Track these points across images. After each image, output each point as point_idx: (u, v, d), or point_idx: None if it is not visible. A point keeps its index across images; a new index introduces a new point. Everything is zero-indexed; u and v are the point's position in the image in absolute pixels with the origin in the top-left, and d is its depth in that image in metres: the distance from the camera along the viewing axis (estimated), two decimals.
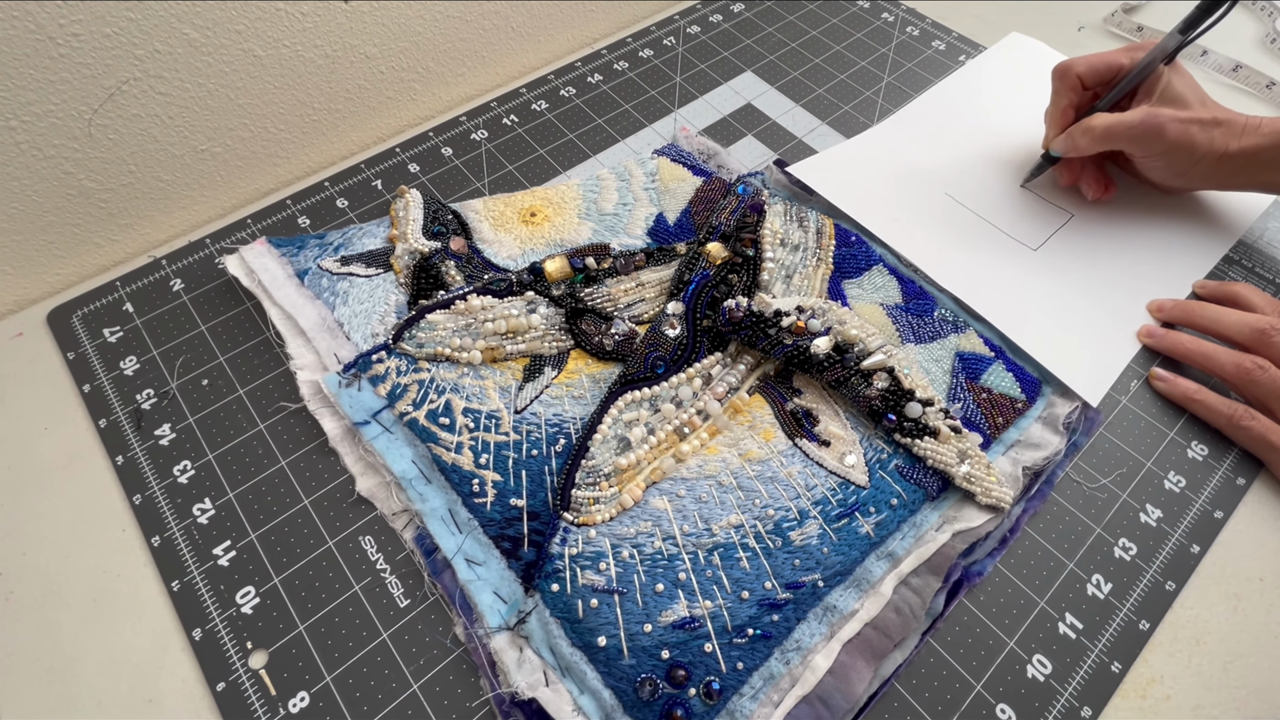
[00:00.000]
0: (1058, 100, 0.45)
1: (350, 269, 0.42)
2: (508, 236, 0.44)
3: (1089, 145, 0.43)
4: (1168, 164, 0.43)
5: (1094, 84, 0.44)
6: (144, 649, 0.32)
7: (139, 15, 0.39)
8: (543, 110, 0.54)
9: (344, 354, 0.39)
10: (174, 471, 0.36)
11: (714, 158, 0.50)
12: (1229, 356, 0.38)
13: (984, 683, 0.31)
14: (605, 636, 0.30)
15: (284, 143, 0.49)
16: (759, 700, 0.29)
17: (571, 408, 0.37)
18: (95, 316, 0.42)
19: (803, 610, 0.31)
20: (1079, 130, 0.43)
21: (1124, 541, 0.35)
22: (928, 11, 0.62)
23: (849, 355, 0.37)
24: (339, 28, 0.47)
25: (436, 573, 0.33)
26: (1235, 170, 0.42)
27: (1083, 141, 0.43)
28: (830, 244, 0.44)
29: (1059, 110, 0.45)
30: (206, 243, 0.45)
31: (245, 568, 0.33)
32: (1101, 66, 0.43)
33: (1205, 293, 0.43)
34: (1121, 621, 0.33)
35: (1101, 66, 0.43)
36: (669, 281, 0.42)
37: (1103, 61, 0.43)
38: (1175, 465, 0.37)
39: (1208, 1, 0.40)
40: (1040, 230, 0.46)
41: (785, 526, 0.34)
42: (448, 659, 0.31)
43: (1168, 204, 0.47)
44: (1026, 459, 0.36)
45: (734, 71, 0.57)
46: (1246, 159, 0.41)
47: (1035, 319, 0.41)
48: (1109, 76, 0.44)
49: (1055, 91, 0.45)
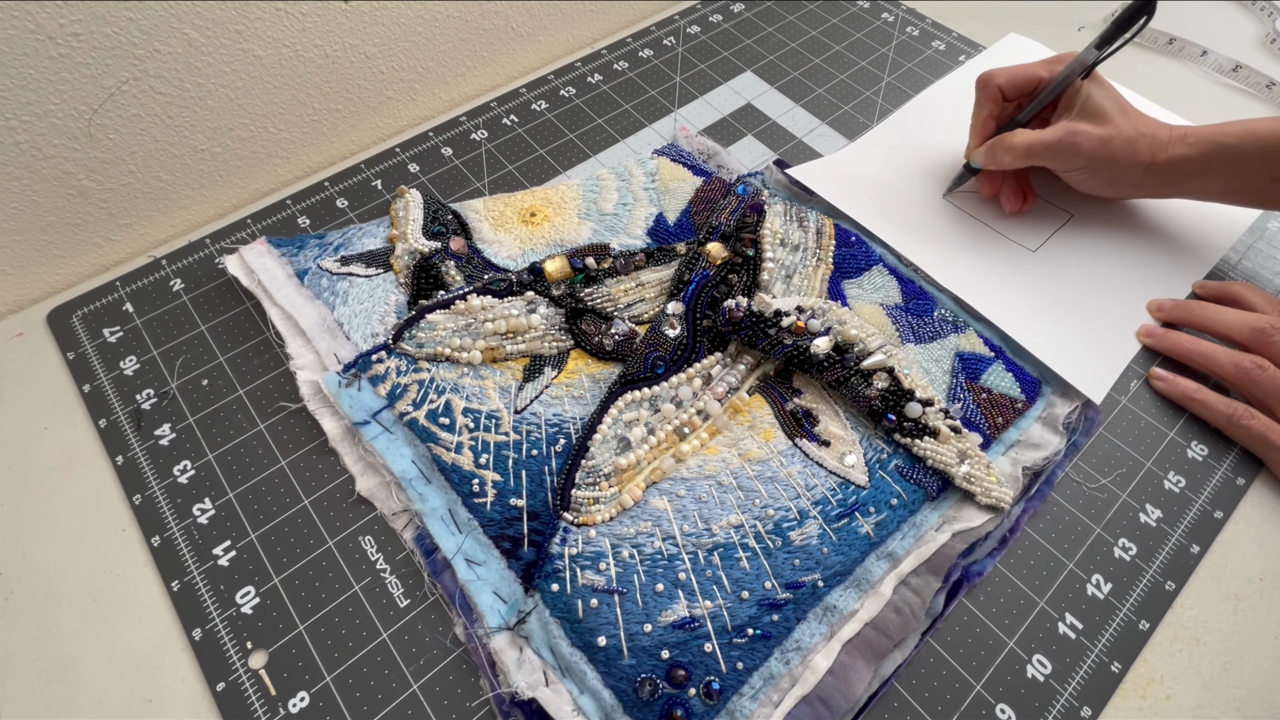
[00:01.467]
0: (979, 110, 0.45)
1: (350, 269, 0.42)
2: (508, 236, 0.44)
3: (1011, 161, 0.43)
4: (1092, 176, 0.43)
5: (1014, 96, 0.44)
6: (144, 649, 0.32)
7: (139, 15, 0.39)
8: (543, 110, 0.54)
9: (344, 354, 0.39)
10: (174, 471, 0.36)
11: (714, 158, 0.50)
12: (1228, 356, 0.38)
13: (984, 683, 0.31)
14: (605, 636, 0.30)
15: (284, 143, 0.49)
16: (759, 700, 0.29)
17: (571, 408, 0.37)
18: (95, 316, 0.42)
19: (803, 610, 0.31)
20: (1001, 147, 0.43)
21: (1124, 541, 0.35)
22: (928, 11, 0.62)
23: (849, 355, 0.37)
24: (339, 28, 0.47)
25: (436, 573, 0.33)
26: (1164, 180, 0.42)
27: (1005, 159, 0.43)
28: (830, 244, 0.44)
29: (980, 121, 0.45)
30: (206, 243, 0.45)
31: (245, 568, 0.33)
32: (1021, 79, 0.43)
33: (1205, 292, 0.43)
34: (1121, 621, 0.33)
35: (1021, 79, 0.43)
36: (669, 281, 0.42)
37: (1022, 74, 0.43)
38: (1175, 465, 0.37)
39: (1123, 18, 0.40)
40: (1040, 231, 0.46)
41: (785, 526, 0.34)
42: (448, 659, 0.31)
43: (1167, 205, 0.47)
44: (1026, 459, 0.36)
45: (734, 71, 0.57)
46: (1173, 168, 0.41)
47: (1035, 320, 0.41)
48: (1029, 89, 0.44)
49: (977, 102, 0.45)
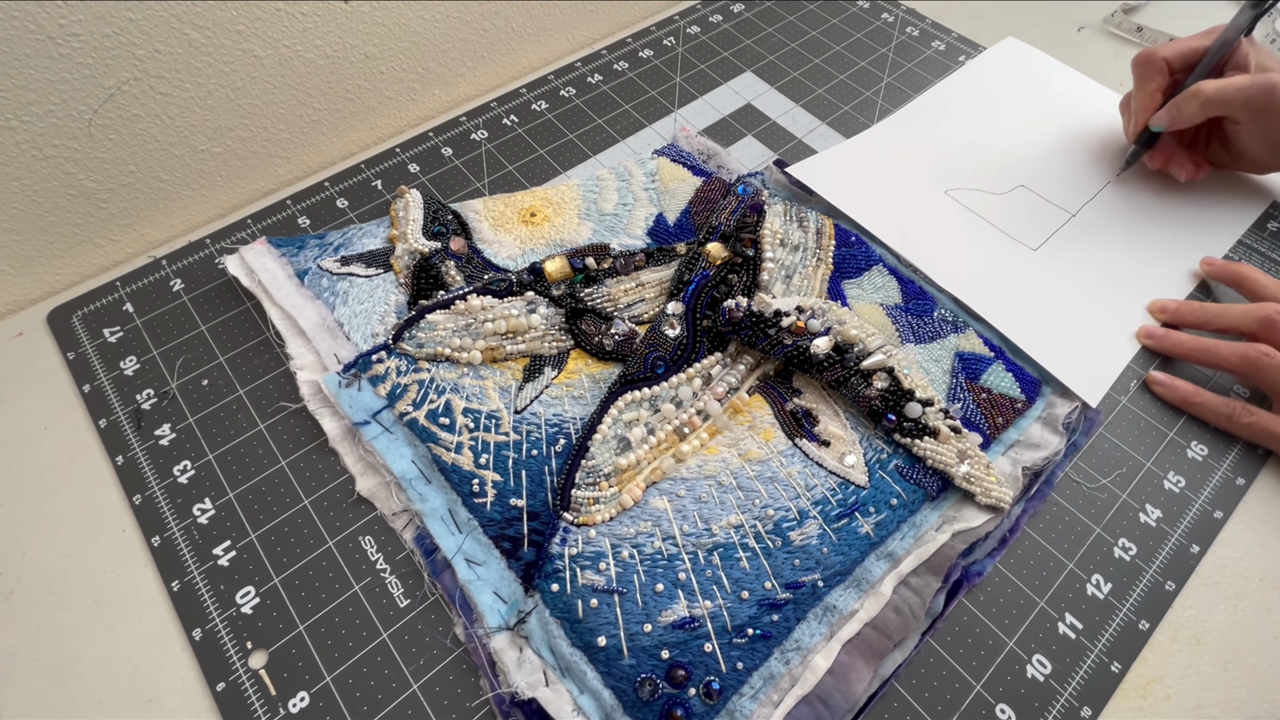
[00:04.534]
0: (1145, 86, 0.45)
1: (350, 269, 0.42)
2: (508, 236, 0.44)
3: (1197, 111, 0.43)
4: (1273, 131, 0.43)
5: (1181, 66, 0.45)
6: (144, 649, 0.32)
7: (139, 15, 0.39)
8: (543, 110, 0.54)
9: (344, 354, 0.39)
10: (174, 471, 0.36)
11: (714, 158, 0.50)
12: (1231, 349, 0.38)
13: (984, 683, 0.31)
14: (605, 636, 0.30)
15: (284, 143, 0.49)
16: (759, 700, 0.29)
17: (571, 408, 0.37)
18: (95, 316, 0.42)
19: (802, 610, 0.31)
20: (1184, 98, 0.43)
21: (1124, 541, 0.35)
22: (928, 12, 0.62)
23: (849, 355, 0.37)
24: (339, 28, 0.47)
25: (436, 573, 0.33)
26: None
27: (1190, 108, 0.43)
28: (830, 244, 0.44)
29: (1147, 94, 0.45)
30: (206, 243, 0.45)
31: (245, 568, 0.33)
32: (1187, 50, 0.44)
33: (1210, 271, 0.43)
34: (1121, 621, 0.33)
35: (1187, 50, 0.44)
36: (669, 281, 0.42)
37: (1187, 45, 0.44)
38: (1175, 465, 0.37)
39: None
40: (1040, 230, 0.46)
41: (785, 526, 0.34)
42: (448, 659, 0.31)
43: (1167, 205, 0.47)
44: (1026, 459, 0.36)
45: (734, 72, 0.57)
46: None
47: (1035, 319, 0.41)
48: (1195, 58, 0.44)
49: (1141, 78, 0.45)
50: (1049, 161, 0.50)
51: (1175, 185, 0.48)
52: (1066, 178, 0.49)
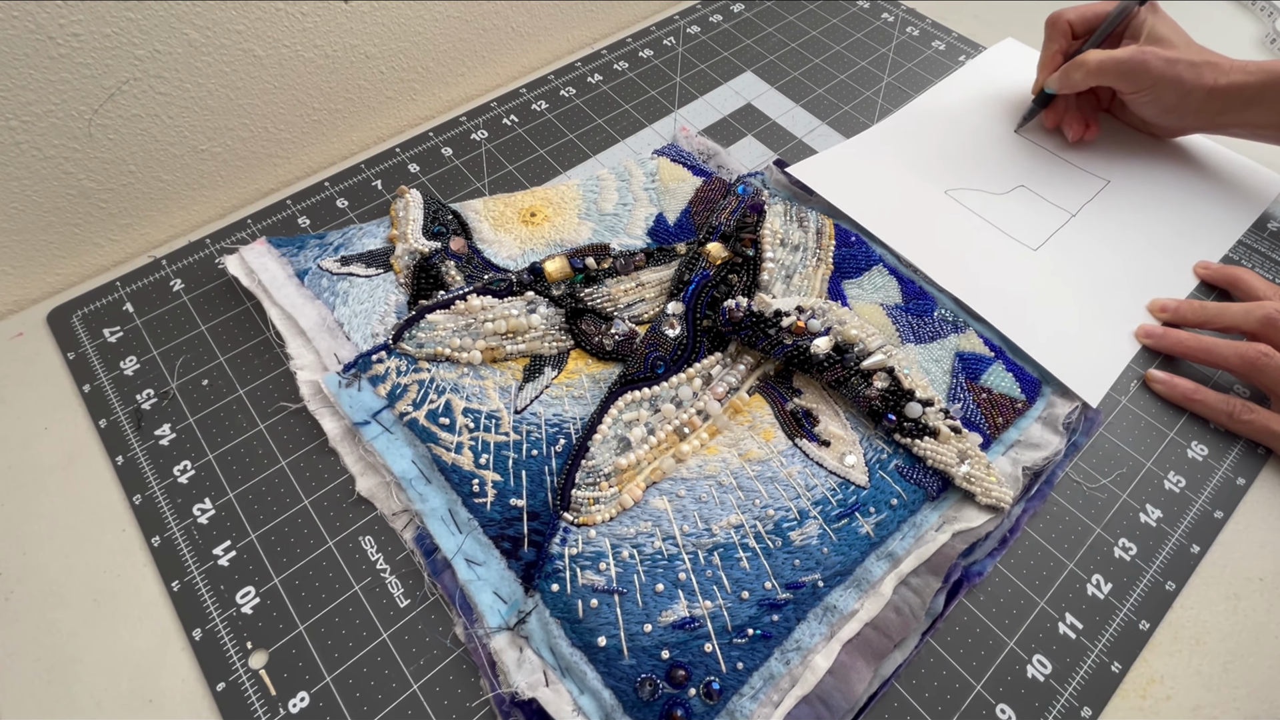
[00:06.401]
0: (1049, 46, 0.49)
1: (350, 269, 0.42)
2: (508, 236, 0.44)
3: (1082, 79, 0.46)
4: (1156, 99, 0.45)
5: (1083, 30, 0.49)
6: (144, 649, 0.32)
7: (139, 15, 0.39)
8: (543, 110, 0.54)
9: (344, 354, 0.39)
10: (174, 471, 0.36)
11: (714, 158, 0.50)
12: (1231, 348, 0.38)
13: (984, 683, 0.31)
14: (605, 636, 0.30)
15: (284, 143, 0.49)
16: (759, 700, 0.29)
17: (571, 408, 0.37)
18: (95, 316, 0.42)
19: (803, 610, 0.31)
20: (1073, 66, 0.46)
21: (1124, 541, 0.35)
22: (928, 12, 0.62)
23: (849, 355, 0.37)
24: (339, 28, 0.47)
25: (436, 573, 0.33)
26: (1223, 107, 0.44)
27: (1076, 76, 0.46)
28: (830, 244, 0.44)
29: (1049, 55, 0.49)
30: (206, 243, 0.45)
31: (245, 568, 0.33)
32: (1090, 14, 0.48)
33: (1206, 275, 0.44)
34: (1121, 621, 0.33)
35: (1090, 14, 0.48)
36: (669, 281, 0.42)
37: (1090, 9, 0.48)
38: (1175, 465, 0.37)
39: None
40: (1040, 230, 0.46)
41: (785, 526, 0.34)
42: (448, 659, 0.31)
43: (1167, 204, 0.47)
44: (1026, 459, 0.36)
45: (734, 71, 0.57)
46: (1234, 93, 0.43)
47: (1035, 319, 0.41)
48: (1096, 23, 0.48)
49: (1047, 38, 0.50)
50: (1049, 161, 0.50)
51: (1175, 185, 0.48)
52: (1066, 178, 0.49)
